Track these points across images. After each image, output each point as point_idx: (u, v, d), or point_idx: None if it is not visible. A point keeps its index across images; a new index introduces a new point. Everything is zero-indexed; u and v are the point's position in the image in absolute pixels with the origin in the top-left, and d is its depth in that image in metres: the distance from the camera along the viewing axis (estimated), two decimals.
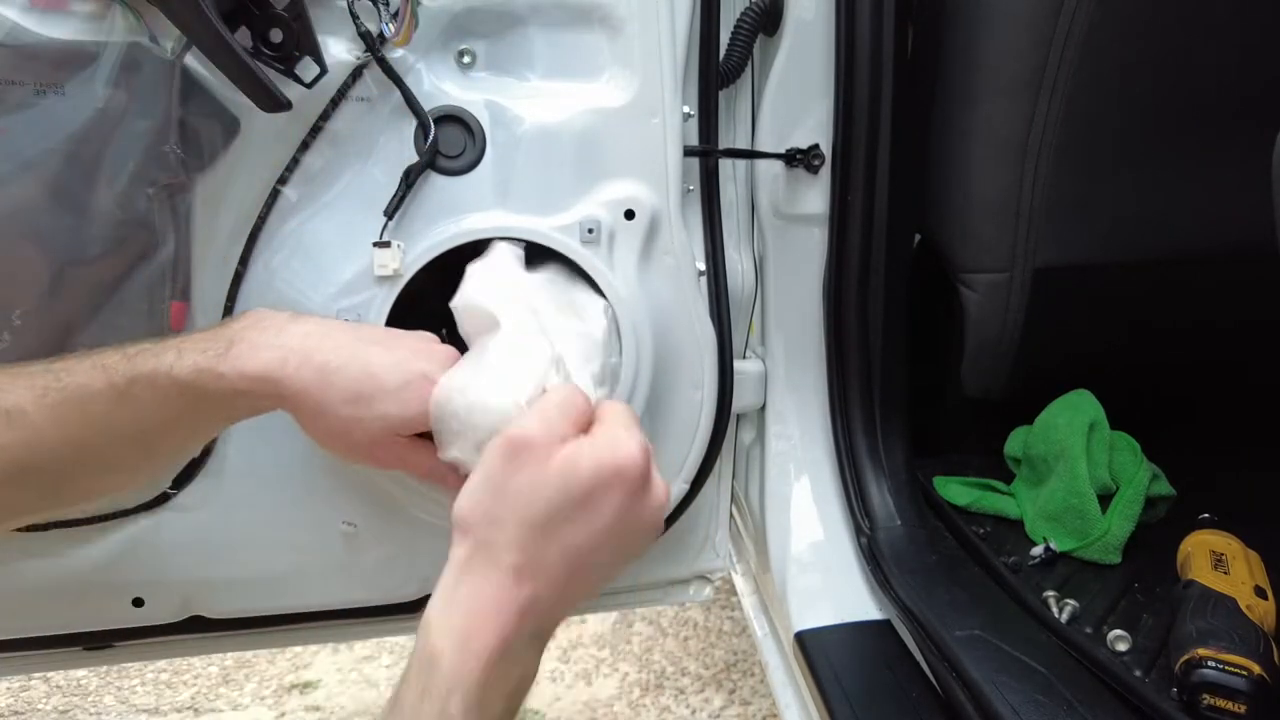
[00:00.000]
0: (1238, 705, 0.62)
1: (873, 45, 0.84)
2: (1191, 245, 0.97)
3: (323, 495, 0.80)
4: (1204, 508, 0.92)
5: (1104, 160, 0.92)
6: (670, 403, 0.84)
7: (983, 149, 0.92)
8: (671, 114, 0.79)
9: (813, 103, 0.89)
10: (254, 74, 0.64)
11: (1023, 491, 0.96)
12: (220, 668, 1.85)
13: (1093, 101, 0.87)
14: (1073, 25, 0.83)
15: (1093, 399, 0.95)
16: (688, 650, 1.86)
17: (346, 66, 0.72)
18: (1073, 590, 0.81)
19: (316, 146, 0.74)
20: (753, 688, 1.73)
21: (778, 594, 0.92)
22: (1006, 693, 0.67)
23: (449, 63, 0.77)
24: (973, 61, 0.89)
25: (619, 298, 0.77)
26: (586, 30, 0.79)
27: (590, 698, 1.74)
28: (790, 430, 0.97)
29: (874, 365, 0.92)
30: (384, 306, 0.74)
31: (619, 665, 1.82)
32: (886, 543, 0.87)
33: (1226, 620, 0.67)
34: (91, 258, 0.68)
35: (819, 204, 0.91)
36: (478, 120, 0.76)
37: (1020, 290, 0.96)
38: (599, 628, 1.93)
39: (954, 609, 0.78)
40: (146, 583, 0.80)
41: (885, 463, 0.93)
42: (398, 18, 0.71)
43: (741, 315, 0.94)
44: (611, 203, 0.78)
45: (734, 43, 0.87)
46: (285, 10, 0.66)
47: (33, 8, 0.64)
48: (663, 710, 1.69)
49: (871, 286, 0.91)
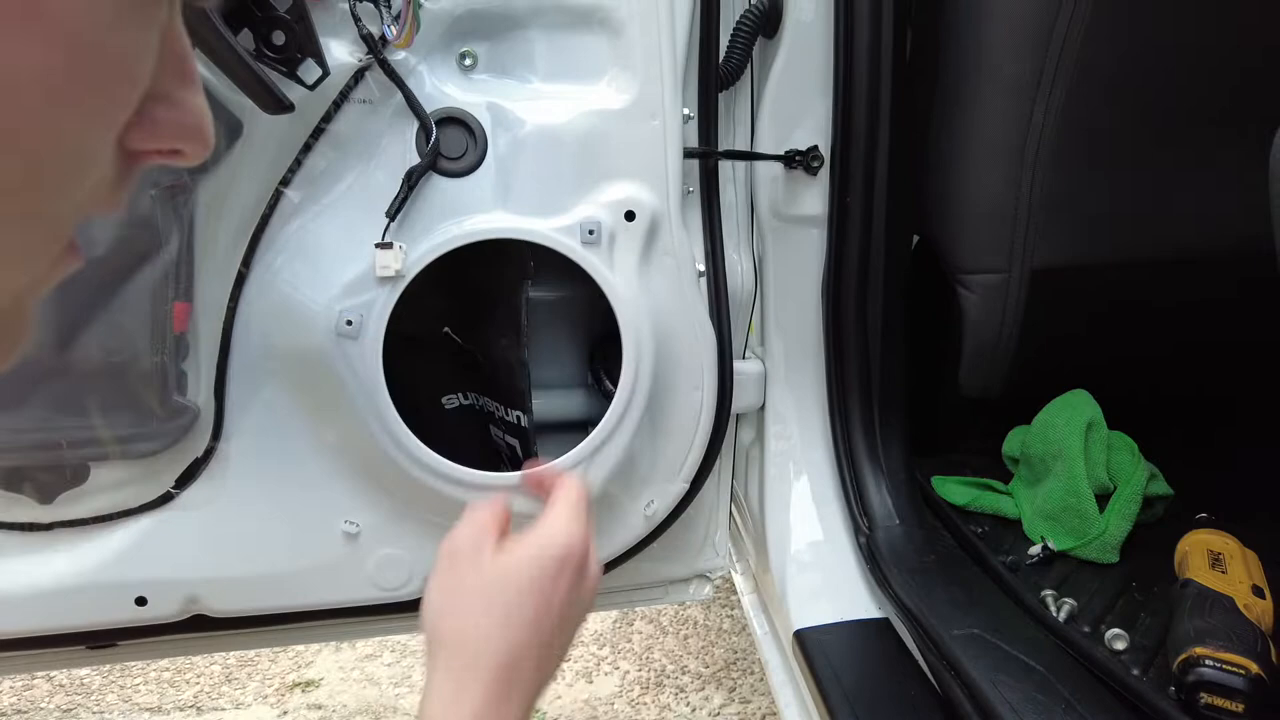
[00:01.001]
0: (1235, 704, 0.62)
1: (871, 48, 0.84)
2: (1188, 246, 0.97)
3: (324, 495, 0.81)
4: (1201, 507, 0.92)
5: (1101, 162, 0.92)
6: (670, 403, 0.84)
7: (980, 150, 0.92)
8: (671, 116, 0.79)
9: (812, 105, 0.89)
10: (257, 76, 0.64)
11: (1021, 491, 0.97)
12: (223, 666, 1.86)
13: (1090, 103, 0.87)
14: (1070, 28, 0.83)
15: (1090, 399, 0.95)
16: (688, 648, 1.86)
17: (349, 68, 0.73)
18: (1071, 589, 0.82)
19: (319, 148, 0.74)
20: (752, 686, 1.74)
21: (777, 593, 0.93)
22: (1004, 690, 0.67)
23: (450, 65, 0.78)
24: (971, 64, 0.90)
25: (619, 298, 0.77)
26: (587, 33, 0.79)
27: (591, 695, 1.74)
28: (790, 430, 0.98)
29: (873, 365, 0.93)
30: (386, 307, 0.74)
31: (619, 663, 1.83)
32: (885, 542, 0.88)
33: (1224, 619, 0.68)
34: (95, 259, 0.69)
35: (818, 205, 0.91)
36: (479, 122, 0.77)
37: (1018, 291, 0.96)
38: (599, 626, 1.93)
39: (952, 608, 0.78)
40: (149, 582, 0.80)
41: (884, 462, 0.93)
42: (399, 20, 0.72)
43: (741, 315, 0.95)
44: (612, 204, 0.79)
45: (733, 45, 0.87)
46: (288, 13, 0.66)
47: None
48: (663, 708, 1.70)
49: (870, 287, 0.91)
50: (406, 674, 1.80)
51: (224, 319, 0.75)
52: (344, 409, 0.78)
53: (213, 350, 0.75)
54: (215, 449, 0.78)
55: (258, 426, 0.79)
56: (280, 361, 0.77)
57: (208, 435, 0.77)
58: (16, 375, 0.70)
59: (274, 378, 0.78)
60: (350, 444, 0.79)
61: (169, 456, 0.77)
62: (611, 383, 0.78)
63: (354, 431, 0.78)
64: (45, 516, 0.77)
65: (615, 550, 0.89)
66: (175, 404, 0.74)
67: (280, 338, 0.77)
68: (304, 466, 0.80)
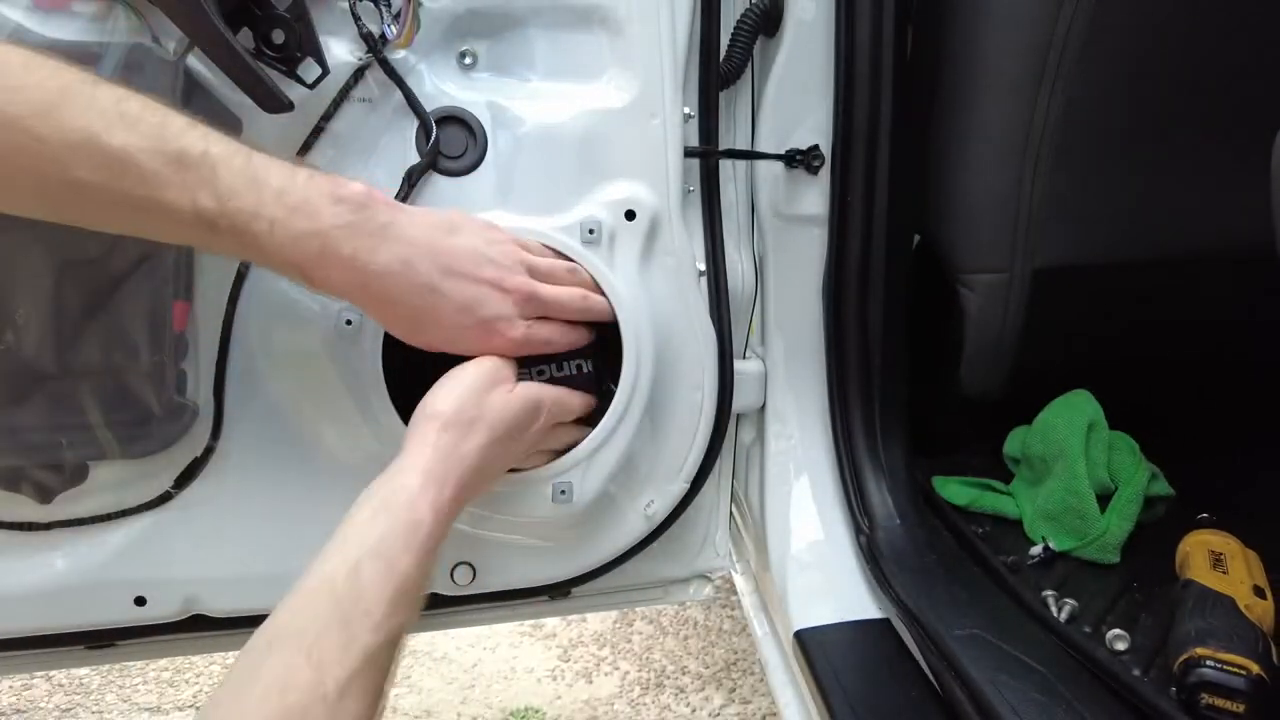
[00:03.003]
0: (1236, 704, 0.62)
1: (872, 46, 0.84)
2: (1191, 245, 0.97)
3: (324, 494, 0.80)
4: (1202, 507, 0.92)
5: (1103, 161, 0.92)
6: (670, 403, 0.84)
7: (982, 149, 0.92)
8: (672, 115, 0.79)
9: (812, 103, 0.89)
10: (256, 75, 0.64)
11: (1021, 491, 0.97)
12: (222, 666, 1.86)
13: (1092, 102, 0.87)
14: (1072, 26, 0.83)
15: (1091, 399, 0.95)
16: (688, 649, 1.86)
17: (348, 67, 0.72)
18: (1071, 589, 0.81)
19: (318, 147, 0.74)
20: (752, 686, 1.74)
21: (777, 593, 0.92)
22: (1005, 691, 0.67)
23: (450, 64, 0.78)
24: (972, 62, 0.90)
25: (619, 298, 0.77)
26: (587, 31, 0.79)
27: (590, 696, 1.74)
28: (790, 430, 0.98)
29: (873, 365, 0.92)
30: None
31: (619, 664, 1.82)
32: (886, 542, 0.87)
33: (1225, 620, 0.68)
34: (94, 257, 0.69)
35: (819, 204, 0.91)
36: (479, 121, 0.77)
37: (1020, 290, 0.96)
38: (599, 626, 1.93)
39: (953, 608, 0.78)
40: (148, 581, 0.80)
41: (885, 462, 0.93)
42: (399, 19, 0.72)
43: (741, 315, 0.95)
44: (612, 203, 0.79)
45: (734, 44, 0.87)
46: (287, 11, 0.66)
47: (36, 9, 0.64)
48: (663, 709, 1.70)
49: (871, 287, 0.91)
50: (406, 674, 1.80)
51: (223, 318, 0.75)
52: (344, 409, 0.78)
53: (212, 350, 0.75)
54: (214, 448, 0.78)
55: (257, 426, 0.79)
56: (280, 361, 0.77)
57: (207, 435, 0.77)
58: (16, 375, 0.70)
59: (273, 377, 0.78)
60: (350, 443, 0.79)
61: (168, 456, 0.76)
62: (611, 383, 0.78)
63: (354, 431, 0.78)
64: (44, 516, 0.76)
65: (615, 550, 0.89)
66: (174, 403, 0.74)
67: (280, 337, 0.76)
68: (304, 466, 0.79)
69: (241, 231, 0.57)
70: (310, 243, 0.58)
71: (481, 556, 0.85)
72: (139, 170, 0.54)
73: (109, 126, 0.53)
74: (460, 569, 0.85)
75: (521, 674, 1.81)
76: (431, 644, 1.88)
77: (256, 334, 0.76)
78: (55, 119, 0.52)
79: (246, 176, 0.57)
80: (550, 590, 0.91)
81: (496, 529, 0.84)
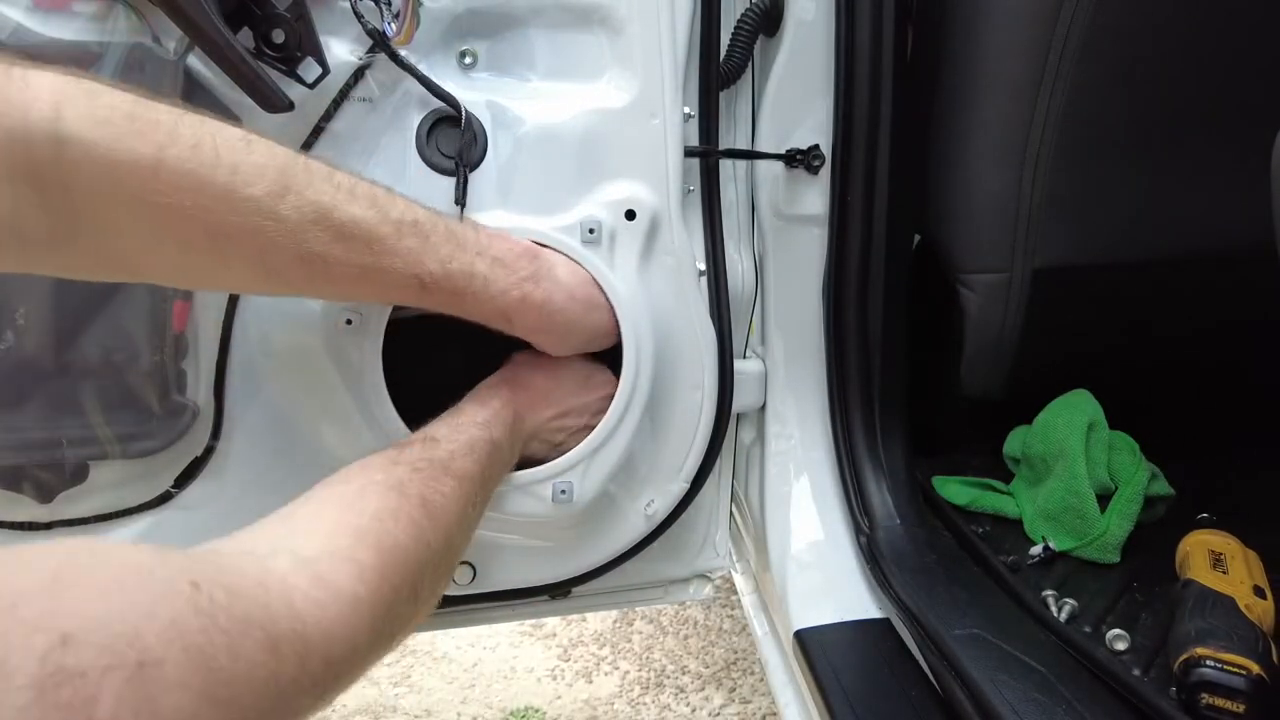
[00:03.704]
0: (1236, 704, 0.62)
1: (873, 46, 0.84)
2: (1191, 245, 0.97)
3: None
4: (1202, 507, 0.92)
5: (1103, 161, 0.92)
6: (670, 403, 0.84)
7: (982, 149, 0.92)
8: (672, 114, 0.79)
9: (813, 103, 0.89)
10: (256, 74, 0.64)
11: (1022, 491, 0.97)
12: None
13: (1092, 102, 0.87)
14: (1072, 26, 0.83)
15: (1092, 399, 0.95)
16: (688, 649, 1.86)
17: (349, 67, 0.72)
18: (1072, 589, 0.82)
19: (318, 147, 0.74)
20: (752, 686, 1.74)
21: (777, 593, 0.92)
22: (1005, 691, 0.67)
23: (450, 63, 0.77)
24: (972, 62, 0.90)
25: (619, 297, 0.77)
26: (587, 31, 0.79)
27: (590, 695, 1.74)
28: (790, 430, 0.98)
29: (873, 365, 0.92)
30: (385, 308, 0.74)
31: (619, 663, 1.82)
32: (886, 542, 0.87)
33: (1225, 619, 0.68)
34: None
35: (819, 204, 0.91)
36: (479, 120, 0.76)
37: (1020, 291, 0.96)
38: (599, 626, 1.93)
39: (953, 608, 0.78)
40: None
41: (885, 462, 0.93)
42: (399, 18, 0.71)
43: (741, 315, 0.95)
44: (612, 203, 0.79)
45: (734, 44, 0.87)
46: (287, 11, 0.66)
47: (36, 8, 0.64)
48: (663, 708, 1.70)
49: (871, 287, 0.91)
50: (406, 674, 1.80)
51: (223, 318, 0.75)
52: (344, 409, 0.78)
53: (212, 349, 0.75)
54: (214, 448, 0.78)
55: (257, 426, 0.79)
56: (280, 360, 0.77)
57: (207, 434, 0.77)
58: (16, 374, 0.70)
59: (273, 377, 0.78)
60: (350, 443, 0.79)
61: (168, 455, 0.76)
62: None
63: (354, 431, 0.78)
64: (44, 515, 0.76)
65: (615, 550, 0.89)
66: (174, 403, 0.74)
67: (280, 337, 0.76)
68: (304, 466, 0.79)
69: (460, 291, 0.63)
70: (512, 294, 0.66)
71: (482, 556, 0.85)
72: (365, 240, 0.57)
73: (335, 201, 0.56)
74: (461, 569, 0.85)
75: (521, 673, 1.81)
76: (431, 644, 1.88)
77: (256, 334, 0.76)
78: (293, 198, 0.54)
79: (453, 241, 0.63)
80: (550, 590, 0.92)
81: (497, 529, 0.84)
